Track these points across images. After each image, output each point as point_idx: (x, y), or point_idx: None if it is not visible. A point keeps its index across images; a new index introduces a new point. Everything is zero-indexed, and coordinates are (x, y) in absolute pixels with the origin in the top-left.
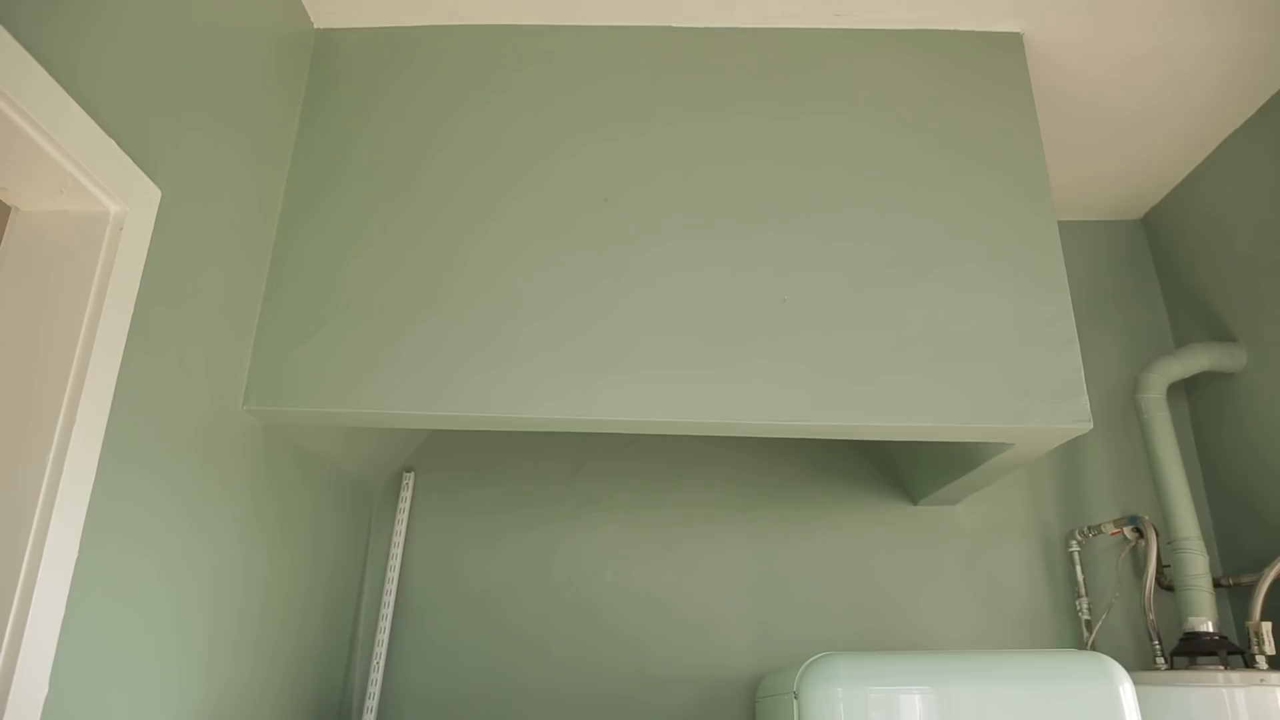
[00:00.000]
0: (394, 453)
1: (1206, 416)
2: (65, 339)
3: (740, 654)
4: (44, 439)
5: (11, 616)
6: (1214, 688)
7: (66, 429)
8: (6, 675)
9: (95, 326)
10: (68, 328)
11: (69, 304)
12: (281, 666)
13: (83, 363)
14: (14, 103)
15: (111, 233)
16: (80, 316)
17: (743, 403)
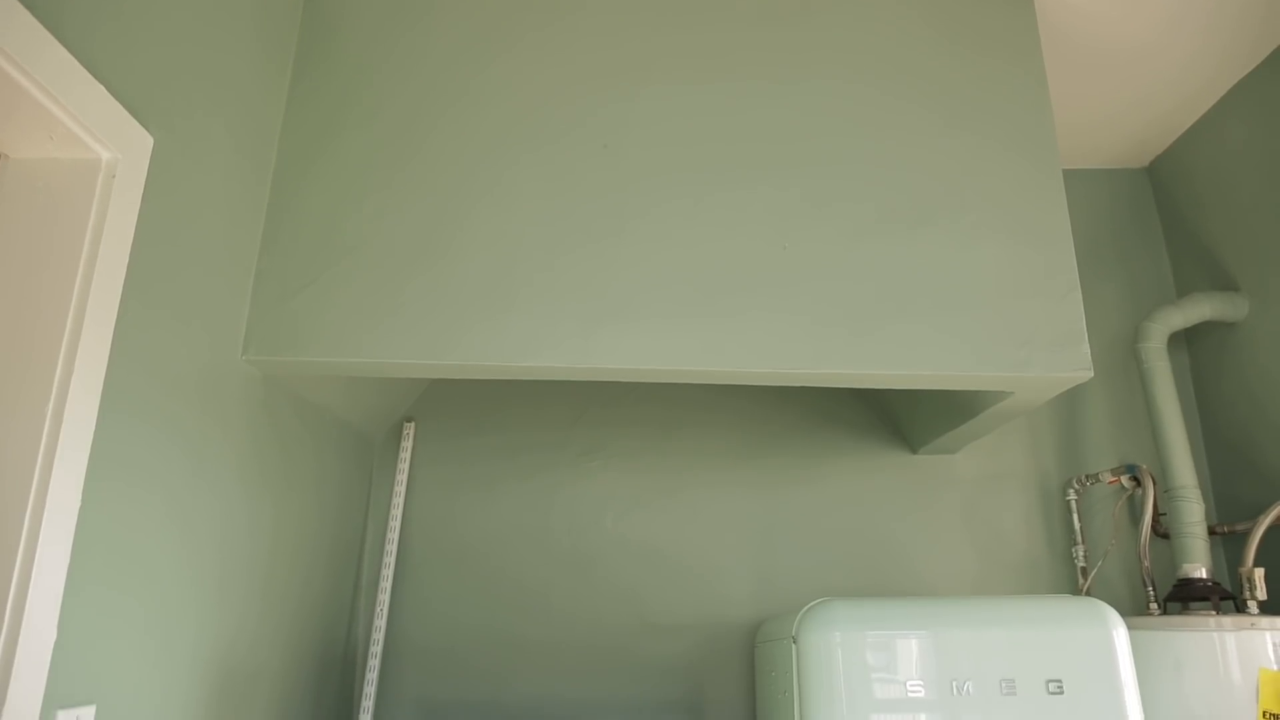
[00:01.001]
0: (394, 403)
1: (1206, 366)
2: (61, 288)
3: (739, 601)
4: (43, 387)
5: (17, 563)
6: (1205, 632)
7: (65, 377)
8: (15, 622)
9: (91, 275)
10: (63, 277)
11: (64, 253)
12: (288, 614)
13: (79, 311)
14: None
15: (104, 180)
16: (75, 265)
17: (743, 351)
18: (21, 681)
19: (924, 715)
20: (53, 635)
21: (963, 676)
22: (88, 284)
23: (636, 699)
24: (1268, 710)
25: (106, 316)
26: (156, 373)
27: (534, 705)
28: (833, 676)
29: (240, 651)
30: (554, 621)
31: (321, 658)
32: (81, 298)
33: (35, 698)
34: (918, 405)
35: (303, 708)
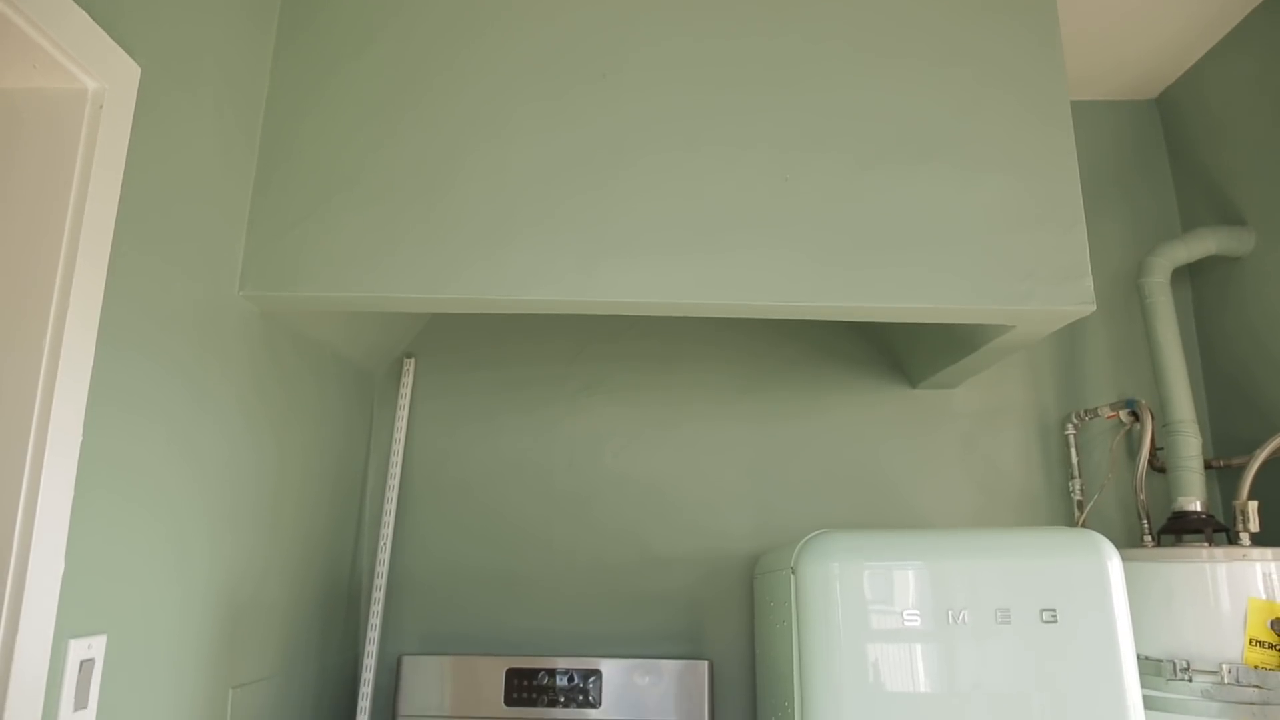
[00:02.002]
0: (394, 338)
1: (1209, 301)
2: (53, 221)
3: (739, 533)
4: (39, 321)
5: (22, 495)
6: (1197, 563)
7: (61, 311)
8: (23, 553)
9: (83, 208)
10: (55, 209)
11: (54, 185)
12: (295, 547)
13: (72, 244)
14: None
15: (91, 111)
16: (66, 197)
17: (743, 284)
18: (33, 612)
19: (920, 644)
20: (61, 566)
21: (958, 606)
22: (79, 217)
23: (638, 630)
24: (1254, 637)
25: (100, 250)
26: (153, 307)
27: (536, 636)
28: (830, 606)
29: (249, 583)
30: (555, 554)
31: (327, 590)
32: (74, 231)
33: (47, 628)
34: (918, 339)
35: (310, 639)
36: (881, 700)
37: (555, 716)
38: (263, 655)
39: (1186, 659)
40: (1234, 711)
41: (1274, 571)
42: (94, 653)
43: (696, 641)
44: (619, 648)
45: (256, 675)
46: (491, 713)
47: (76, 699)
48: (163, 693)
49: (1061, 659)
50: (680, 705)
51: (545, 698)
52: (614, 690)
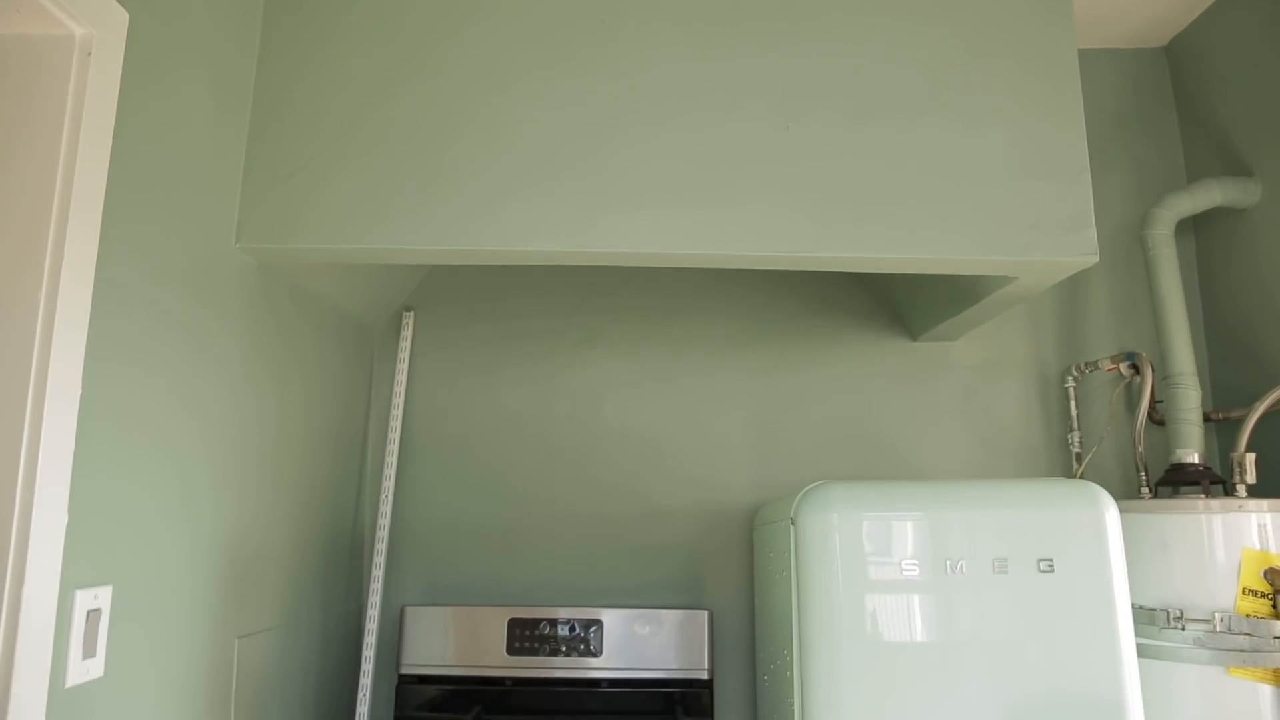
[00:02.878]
0: (393, 291)
1: (1213, 254)
2: (44, 171)
3: (739, 486)
4: (34, 274)
5: (23, 447)
6: (1193, 514)
7: (56, 264)
8: (26, 505)
9: (74, 158)
10: (46, 158)
11: (45, 134)
12: (299, 498)
13: (65, 197)
14: None
15: (80, 58)
16: (57, 146)
17: (743, 234)
18: (38, 563)
19: (918, 593)
20: (64, 518)
21: (956, 556)
22: (71, 168)
23: (638, 581)
24: (1247, 586)
25: (93, 202)
26: (149, 259)
27: (538, 586)
28: (830, 556)
29: (253, 535)
30: (555, 506)
31: (330, 542)
32: (66, 182)
33: (52, 578)
34: (919, 291)
35: (314, 590)
36: (879, 649)
37: (557, 665)
38: (268, 606)
39: (1180, 608)
40: (1224, 658)
41: (1269, 523)
42: (100, 603)
43: (696, 592)
44: (620, 599)
45: (262, 625)
46: (494, 662)
47: (85, 648)
48: (170, 642)
49: (1058, 608)
50: (680, 654)
51: (547, 647)
52: (615, 639)
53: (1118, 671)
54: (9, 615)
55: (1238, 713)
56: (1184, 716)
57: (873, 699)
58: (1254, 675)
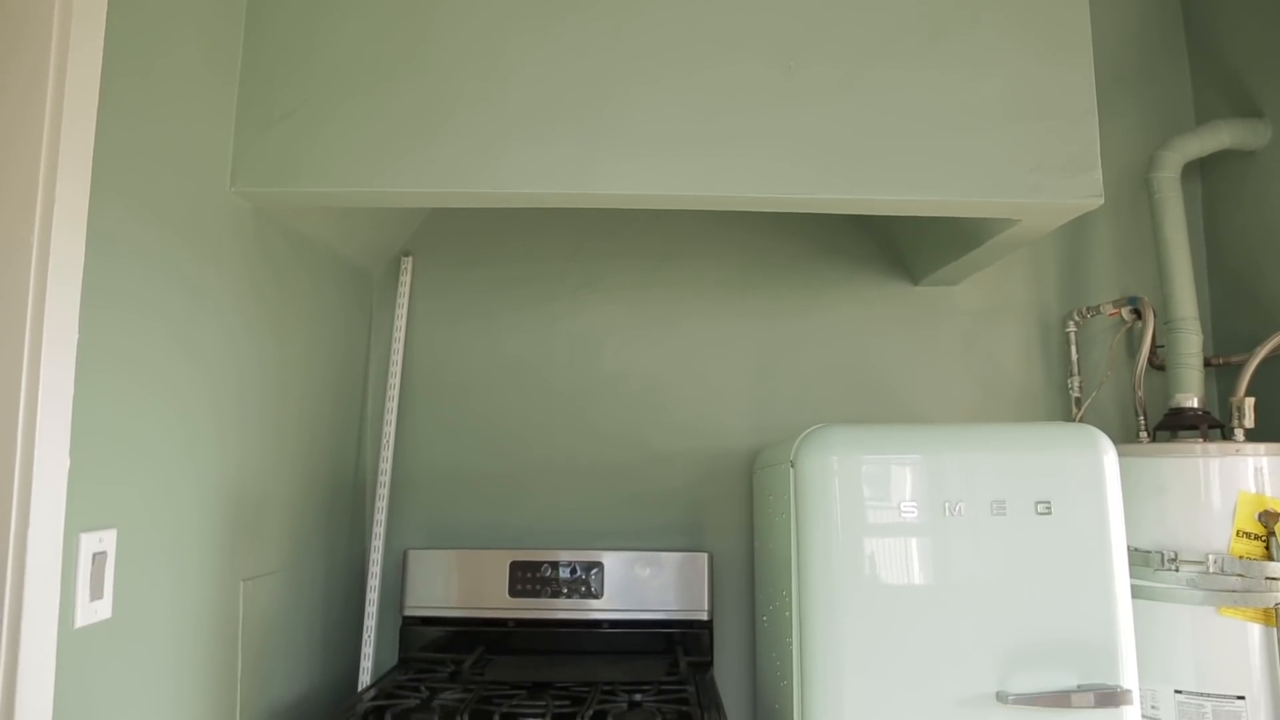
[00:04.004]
0: (391, 236)
1: (1220, 197)
2: (30, 113)
3: (739, 430)
4: (25, 218)
5: (22, 392)
6: (1191, 458)
7: (47, 207)
8: (28, 449)
9: (60, 100)
10: (31, 101)
11: (30, 71)
12: (302, 443)
13: (53, 140)
14: None
15: None
16: (44, 84)
17: (744, 176)
18: (42, 506)
19: (917, 535)
20: (66, 461)
21: (955, 498)
22: (59, 109)
23: (638, 525)
24: (1241, 529)
25: (84, 143)
26: (143, 203)
27: (539, 528)
28: (829, 499)
29: (256, 479)
30: (556, 451)
31: (332, 487)
32: (54, 124)
33: (57, 521)
34: (921, 235)
35: (317, 534)
36: (878, 589)
37: (558, 607)
38: (272, 549)
39: (1175, 550)
40: (1216, 599)
41: (1265, 466)
42: (105, 546)
43: (696, 535)
44: (620, 543)
45: (266, 568)
46: (496, 603)
47: (92, 590)
48: (176, 584)
49: (1054, 549)
50: (680, 595)
51: (548, 589)
52: (615, 581)
53: (1111, 612)
54: (15, 557)
55: (1227, 651)
56: (1175, 655)
57: (870, 638)
58: (1244, 615)
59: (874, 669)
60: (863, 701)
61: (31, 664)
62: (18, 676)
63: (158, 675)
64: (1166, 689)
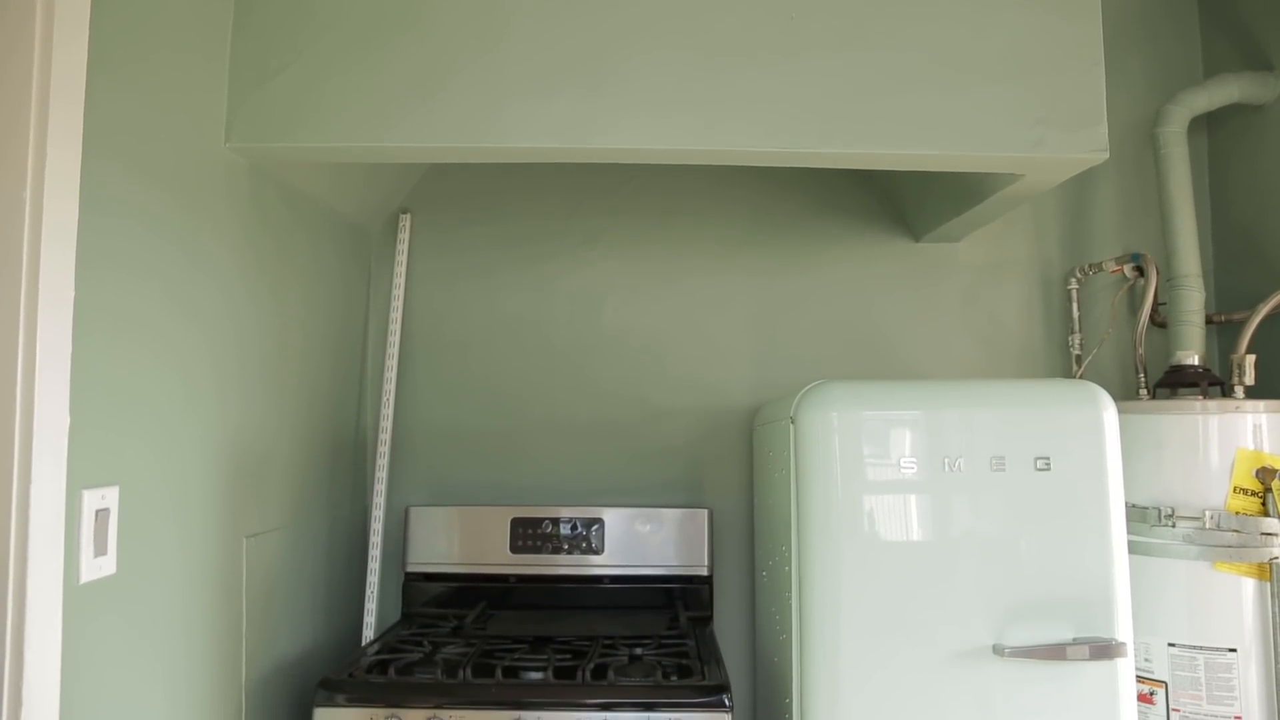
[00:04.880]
0: (388, 193)
1: (1226, 152)
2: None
3: (739, 387)
4: (17, 180)
5: (20, 350)
6: (1190, 415)
7: (39, 169)
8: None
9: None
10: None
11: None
12: (302, 400)
13: (43, 95)
14: None
15: None
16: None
17: (745, 130)
18: (43, 464)
19: (916, 490)
20: (66, 418)
21: (954, 454)
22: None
23: (639, 482)
24: (1238, 485)
25: (74, 99)
26: (137, 160)
27: (540, 485)
28: (829, 455)
29: (257, 437)
30: (557, 408)
31: (334, 444)
32: (44, 78)
33: (59, 478)
34: (923, 190)
35: (319, 491)
36: (877, 544)
37: (559, 563)
38: (274, 506)
39: (1172, 506)
40: (1212, 554)
41: (1264, 423)
42: (108, 503)
43: (696, 492)
44: (620, 500)
45: (269, 525)
46: (497, 560)
47: (96, 546)
48: (179, 541)
49: (1052, 505)
50: (680, 551)
51: (549, 545)
52: (616, 537)
53: (1108, 567)
54: (19, 514)
55: (1220, 605)
56: (1169, 609)
57: (869, 592)
58: (1238, 569)
59: (872, 623)
60: (861, 655)
61: (38, 618)
62: (25, 630)
63: (163, 629)
64: (1160, 642)
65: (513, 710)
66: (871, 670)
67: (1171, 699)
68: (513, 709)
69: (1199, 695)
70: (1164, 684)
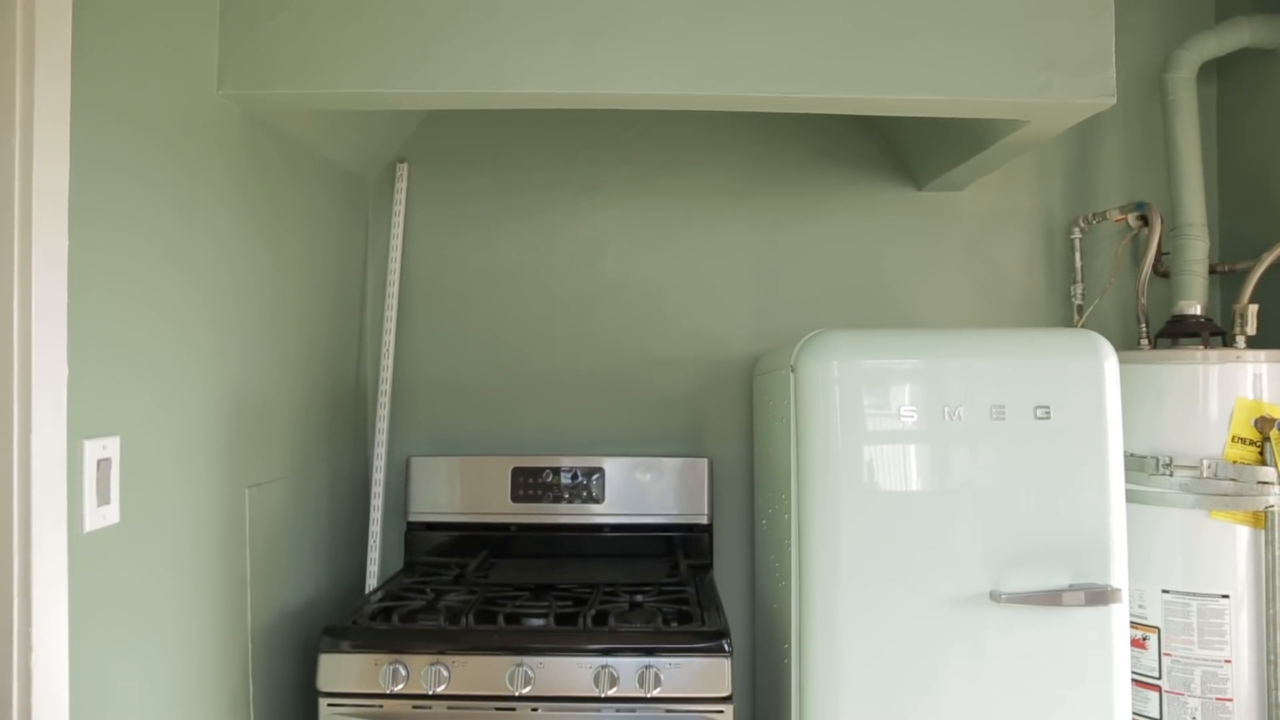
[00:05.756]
0: (384, 141)
1: (1236, 98)
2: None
3: (739, 337)
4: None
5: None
6: (1190, 365)
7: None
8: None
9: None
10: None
11: None
12: (302, 351)
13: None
14: None
15: None
16: None
17: (746, 74)
18: (43, 414)
19: (916, 439)
20: (65, 369)
21: (955, 403)
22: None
23: (639, 432)
24: (1237, 435)
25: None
26: (127, 110)
27: (540, 434)
28: (829, 403)
29: (257, 388)
30: (557, 358)
31: (334, 395)
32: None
33: (59, 427)
34: (926, 138)
35: (320, 441)
36: (876, 492)
37: (560, 512)
38: (276, 456)
39: (1170, 455)
40: (1208, 502)
41: (1264, 373)
42: (109, 453)
43: (697, 441)
44: (621, 449)
45: (271, 475)
46: (498, 509)
47: (99, 495)
48: (181, 490)
49: (1051, 454)
50: (680, 499)
51: (550, 494)
52: (616, 486)
53: (1105, 515)
54: (20, 462)
55: (1215, 552)
56: (1165, 557)
57: (868, 540)
58: (1234, 518)
59: (871, 570)
60: (860, 601)
61: (45, 565)
62: (32, 577)
63: (169, 578)
64: (1154, 589)
65: (515, 656)
66: (869, 616)
67: (1164, 644)
68: (515, 654)
69: (1190, 640)
70: (1157, 629)
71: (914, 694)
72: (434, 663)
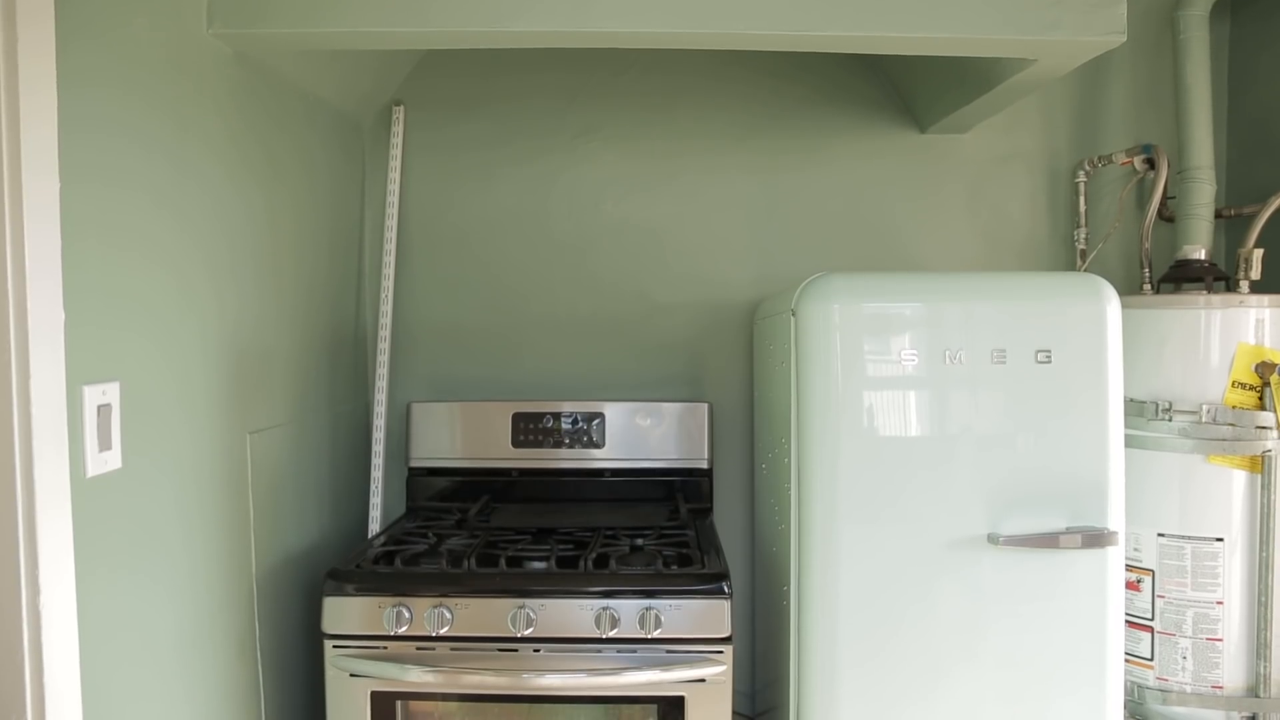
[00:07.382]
0: (380, 82)
1: (1249, 37)
2: None
3: (740, 281)
4: None
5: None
6: (1193, 310)
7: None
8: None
9: None
10: None
11: None
12: (300, 296)
13: None
14: None
15: None
16: None
17: (748, 11)
18: (41, 360)
19: (916, 382)
20: (61, 314)
21: (955, 346)
22: None
23: (639, 376)
24: (1237, 380)
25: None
26: (114, 50)
27: (540, 380)
28: (830, 346)
29: (255, 333)
30: (557, 303)
31: (334, 340)
32: None
33: (58, 375)
34: (931, 78)
35: (320, 387)
36: (876, 435)
37: (561, 456)
38: (277, 402)
39: (1169, 400)
40: (1206, 447)
41: (1266, 318)
42: (109, 399)
43: (697, 386)
44: (621, 394)
45: (272, 421)
46: (499, 454)
47: (100, 441)
48: (183, 435)
49: (1051, 398)
50: (680, 444)
51: (550, 439)
52: (617, 431)
53: (1103, 460)
54: (20, 408)
55: (1211, 496)
56: (1161, 501)
57: (867, 483)
58: (1231, 462)
59: (870, 513)
60: (858, 544)
61: (49, 510)
62: (36, 521)
63: (173, 522)
64: (1150, 532)
65: (516, 598)
66: (868, 558)
67: (1158, 586)
68: (517, 597)
69: (1184, 582)
70: (1151, 572)
71: (910, 634)
72: (437, 605)
